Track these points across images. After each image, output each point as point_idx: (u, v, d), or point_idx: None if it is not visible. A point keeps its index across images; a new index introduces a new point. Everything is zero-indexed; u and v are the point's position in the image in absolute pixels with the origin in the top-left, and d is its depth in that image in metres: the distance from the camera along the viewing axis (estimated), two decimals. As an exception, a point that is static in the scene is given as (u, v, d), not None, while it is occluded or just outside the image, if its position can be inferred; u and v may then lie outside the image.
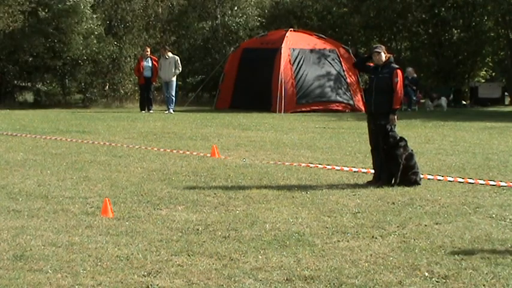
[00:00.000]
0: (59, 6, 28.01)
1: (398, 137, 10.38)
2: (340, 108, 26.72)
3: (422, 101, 29.29)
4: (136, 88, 28.74)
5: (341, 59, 27.39)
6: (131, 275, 5.93)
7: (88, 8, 28.46)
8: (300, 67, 26.53)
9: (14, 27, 28.05)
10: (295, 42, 26.78)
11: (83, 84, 29.83)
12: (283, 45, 26.24)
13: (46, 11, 28.29)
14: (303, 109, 25.92)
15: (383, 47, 10.78)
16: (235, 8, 32.94)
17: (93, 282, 5.75)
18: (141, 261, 6.33)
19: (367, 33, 36.12)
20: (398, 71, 10.56)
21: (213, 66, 31.25)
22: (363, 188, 10.03)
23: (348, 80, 27.25)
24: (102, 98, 29.92)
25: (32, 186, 9.96)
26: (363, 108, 24.19)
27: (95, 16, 28.96)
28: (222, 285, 5.73)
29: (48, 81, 29.85)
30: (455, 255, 6.56)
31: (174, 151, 13.97)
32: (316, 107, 26.34)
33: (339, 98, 27.06)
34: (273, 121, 21.63)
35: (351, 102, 27.02)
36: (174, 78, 25.66)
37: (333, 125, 20.44)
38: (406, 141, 10.46)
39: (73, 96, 31.33)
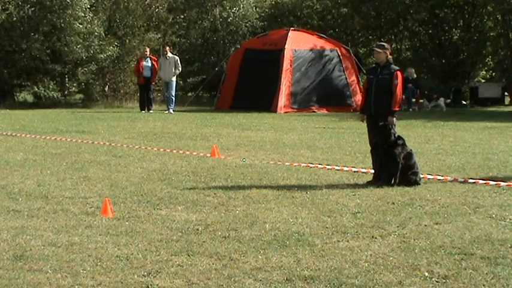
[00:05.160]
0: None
1: (396, 136, 10.37)
2: (338, 109, 26.72)
3: (421, 101, 29.30)
4: (137, 88, 28.76)
5: (342, 59, 27.41)
6: (131, 275, 5.92)
7: (84, 4, 28.33)
8: (301, 68, 26.56)
9: (6, 16, 27.85)
10: (297, 43, 26.78)
11: (83, 84, 29.81)
12: (286, 46, 26.25)
13: (39, 7, 28.26)
14: (303, 109, 25.96)
15: (386, 46, 10.73)
16: (234, 9, 32.92)
17: (93, 282, 5.74)
18: (141, 261, 6.33)
19: (368, 34, 36.15)
20: (398, 73, 10.53)
21: (213, 66, 31.27)
22: (363, 188, 10.03)
23: (348, 80, 27.27)
24: (102, 98, 29.92)
25: (32, 186, 9.96)
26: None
27: (91, 15, 28.88)
28: (222, 285, 5.73)
29: (49, 82, 29.81)
30: (455, 255, 6.56)
31: (174, 151, 13.97)
32: (316, 108, 26.37)
33: (338, 99, 27.09)
34: (273, 121, 21.63)
35: (350, 102, 27.03)
36: (174, 78, 25.69)
37: (333, 125, 20.44)
38: (403, 140, 10.45)
39: (73, 96, 31.34)
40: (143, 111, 25.56)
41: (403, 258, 6.45)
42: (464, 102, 31.82)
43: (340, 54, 27.50)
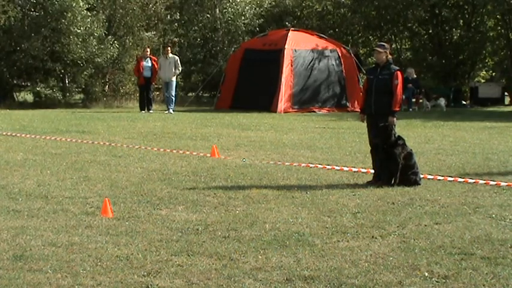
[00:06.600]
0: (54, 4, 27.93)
1: (396, 136, 10.38)
2: (337, 109, 26.73)
3: (421, 101, 29.30)
4: (137, 88, 28.74)
5: (342, 59, 27.41)
6: (131, 275, 5.93)
7: (81, 5, 28.28)
8: (301, 68, 26.56)
9: (5, 19, 27.81)
10: (297, 43, 26.77)
11: (83, 84, 29.80)
12: (286, 47, 26.23)
13: (41, 11, 28.24)
14: (303, 109, 25.97)
15: (386, 46, 10.75)
16: (230, 8, 32.89)
17: (93, 282, 5.75)
18: (141, 261, 6.33)
19: (368, 34, 36.14)
20: (399, 73, 10.55)
21: (213, 65, 31.25)
22: (362, 188, 10.03)
23: (348, 81, 27.26)
24: (102, 98, 29.91)
25: (32, 186, 9.96)
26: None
27: (89, 15, 28.83)
28: (222, 285, 5.73)
29: (50, 81, 29.78)
30: (455, 255, 6.56)
31: (174, 151, 13.97)
32: (316, 108, 26.37)
33: (337, 99, 27.10)
34: (273, 121, 21.63)
35: (349, 103, 27.03)
36: (174, 78, 25.69)
37: (333, 125, 20.44)
38: (404, 140, 10.46)
39: (73, 96, 31.33)
40: (143, 111, 25.55)
41: (403, 258, 6.45)
42: (464, 102, 31.82)
43: (340, 54, 27.49)
